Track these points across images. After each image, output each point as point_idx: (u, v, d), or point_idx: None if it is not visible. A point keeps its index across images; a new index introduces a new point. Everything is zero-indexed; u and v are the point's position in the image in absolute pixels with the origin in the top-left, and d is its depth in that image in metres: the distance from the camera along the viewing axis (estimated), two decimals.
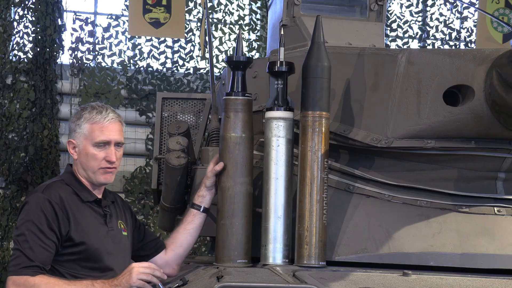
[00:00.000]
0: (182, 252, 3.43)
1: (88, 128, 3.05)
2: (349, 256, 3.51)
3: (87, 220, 3.03)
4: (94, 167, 3.07)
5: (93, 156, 3.06)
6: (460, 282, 3.13)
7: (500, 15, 10.15)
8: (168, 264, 3.39)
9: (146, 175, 9.39)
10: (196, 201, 3.45)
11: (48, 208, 2.94)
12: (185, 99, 5.02)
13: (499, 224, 3.61)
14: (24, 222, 2.95)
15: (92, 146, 3.05)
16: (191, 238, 3.44)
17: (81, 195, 3.06)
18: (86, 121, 3.06)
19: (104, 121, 3.06)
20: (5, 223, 9.14)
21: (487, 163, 3.57)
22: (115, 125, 3.09)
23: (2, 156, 9.12)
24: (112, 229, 3.12)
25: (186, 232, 3.42)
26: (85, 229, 3.00)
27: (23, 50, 9.32)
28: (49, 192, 2.99)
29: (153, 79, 9.66)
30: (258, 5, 9.92)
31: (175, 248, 3.41)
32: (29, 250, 2.89)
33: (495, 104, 3.27)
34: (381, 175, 3.60)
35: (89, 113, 3.07)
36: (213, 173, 3.42)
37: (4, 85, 9.19)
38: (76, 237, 2.97)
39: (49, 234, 2.92)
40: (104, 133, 3.06)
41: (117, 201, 3.28)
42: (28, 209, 2.97)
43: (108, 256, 3.05)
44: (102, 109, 3.09)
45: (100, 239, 3.04)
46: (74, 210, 3.00)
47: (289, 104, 3.45)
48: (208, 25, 4.54)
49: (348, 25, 4.22)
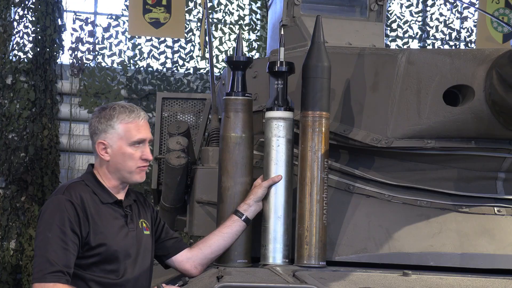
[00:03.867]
0: (209, 253, 3.32)
1: (123, 128, 3.03)
2: (349, 256, 3.51)
3: (106, 222, 2.99)
4: (131, 167, 3.05)
5: (130, 156, 3.04)
6: (460, 282, 3.13)
7: (500, 15, 10.15)
8: (190, 261, 3.29)
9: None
10: (241, 208, 3.35)
11: (70, 209, 2.90)
12: (185, 99, 5.03)
13: (499, 224, 3.61)
14: (46, 224, 2.89)
15: (129, 145, 3.04)
16: (223, 243, 3.32)
17: (100, 197, 3.02)
18: (119, 121, 3.04)
19: (139, 120, 3.07)
20: (5, 223, 9.15)
21: (487, 163, 3.57)
22: (147, 124, 3.12)
23: (2, 156, 9.13)
24: (134, 229, 3.07)
25: (220, 235, 3.32)
26: (104, 231, 2.96)
27: (23, 50, 9.33)
28: (69, 193, 2.95)
29: (153, 79, 9.67)
30: (258, 5, 9.93)
31: (203, 247, 3.32)
32: (53, 254, 2.83)
33: (495, 104, 3.27)
34: (381, 175, 3.60)
35: (121, 113, 3.05)
36: (268, 184, 3.35)
37: (4, 85, 9.20)
38: (95, 239, 2.93)
39: (72, 236, 2.87)
40: (140, 131, 3.06)
41: (139, 199, 3.24)
42: (50, 211, 2.92)
43: (127, 259, 3.01)
44: (133, 108, 3.08)
45: (119, 241, 3.00)
46: (94, 212, 2.96)
47: (289, 104, 3.45)
48: (208, 25, 4.54)
49: (348, 25, 4.22)
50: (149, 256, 3.16)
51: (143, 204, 3.25)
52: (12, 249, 9.21)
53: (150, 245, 3.18)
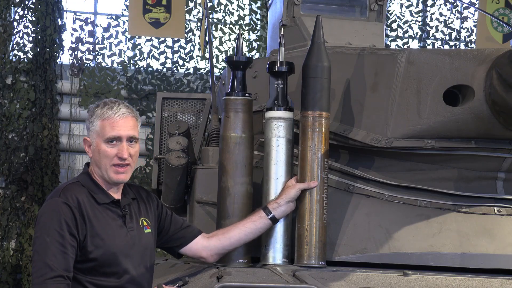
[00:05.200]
0: (228, 245, 3.26)
1: (99, 124, 2.96)
2: (349, 256, 3.51)
3: (103, 224, 2.94)
4: (106, 165, 2.96)
5: (105, 153, 2.95)
6: (460, 282, 3.13)
7: (500, 15, 10.15)
8: (207, 249, 3.25)
9: (146, 175, 9.39)
10: (270, 205, 3.30)
11: (67, 212, 2.86)
12: (185, 99, 5.03)
13: (499, 224, 3.61)
14: (44, 229, 2.85)
15: (104, 143, 2.95)
16: (244, 237, 3.26)
17: (97, 197, 2.97)
18: (97, 117, 2.97)
19: (115, 116, 2.95)
20: (5, 223, 9.14)
21: (487, 163, 3.57)
22: (126, 120, 2.98)
23: (2, 156, 9.12)
24: (132, 229, 3.01)
25: (243, 228, 3.26)
26: (101, 234, 2.91)
27: (23, 50, 9.33)
28: (66, 196, 2.90)
29: (153, 79, 9.67)
30: (258, 5, 9.92)
31: (222, 238, 3.26)
32: (52, 258, 2.79)
33: (495, 104, 3.27)
34: (381, 175, 3.60)
35: (100, 109, 2.98)
36: (303, 187, 3.31)
37: (4, 85, 9.20)
38: (93, 241, 2.89)
39: (70, 239, 2.83)
40: (114, 128, 2.95)
41: (140, 196, 3.15)
42: (47, 215, 2.88)
43: (126, 259, 2.96)
44: (114, 104, 2.99)
45: (117, 242, 2.94)
46: (91, 214, 2.91)
47: (289, 104, 3.45)
48: (208, 25, 4.54)
49: (348, 25, 4.22)
50: (149, 254, 3.09)
51: (145, 200, 3.16)
52: (12, 249, 9.21)
53: (151, 244, 3.12)
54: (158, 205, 3.21)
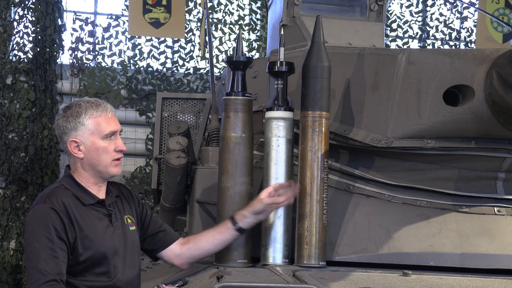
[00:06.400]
0: (198, 255, 3.30)
1: (93, 122, 3.00)
2: (349, 256, 3.51)
3: (90, 225, 2.97)
4: (106, 161, 3.02)
5: (105, 149, 3.01)
6: (460, 282, 3.13)
7: (500, 15, 10.15)
8: (179, 258, 3.28)
9: (146, 175, 9.39)
10: (237, 217, 3.28)
11: (54, 217, 2.88)
12: (185, 99, 5.03)
13: (499, 224, 3.61)
14: (33, 235, 2.87)
15: (101, 139, 3.01)
16: (213, 248, 3.30)
17: (82, 199, 3.00)
18: (89, 116, 3.01)
19: (107, 113, 3.04)
20: (5, 223, 9.14)
21: (487, 163, 3.57)
22: (115, 116, 3.09)
23: (2, 156, 9.12)
24: (118, 227, 3.05)
25: (211, 240, 3.28)
26: (90, 235, 2.94)
27: (23, 50, 9.32)
28: (51, 201, 2.92)
29: (153, 79, 9.66)
30: (258, 5, 9.92)
31: (193, 248, 3.28)
32: (43, 263, 2.81)
33: (495, 104, 3.27)
34: (381, 175, 3.60)
35: (89, 108, 3.02)
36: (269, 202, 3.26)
37: (4, 85, 9.19)
38: (83, 243, 2.92)
39: (59, 243, 2.85)
40: (110, 124, 3.03)
41: (123, 194, 3.19)
42: (34, 222, 2.90)
43: (116, 258, 2.99)
44: (99, 102, 3.06)
45: (106, 241, 2.98)
46: (78, 216, 2.94)
47: (289, 104, 3.45)
48: (208, 25, 4.54)
49: (348, 25, 4.22)
50: (137, 252, 3.14)
51: (127, 197, 3.19)
52: (12, 249, 9.21)
53: (137, 241, 3.16)
54: (139, 203, 3.25)
